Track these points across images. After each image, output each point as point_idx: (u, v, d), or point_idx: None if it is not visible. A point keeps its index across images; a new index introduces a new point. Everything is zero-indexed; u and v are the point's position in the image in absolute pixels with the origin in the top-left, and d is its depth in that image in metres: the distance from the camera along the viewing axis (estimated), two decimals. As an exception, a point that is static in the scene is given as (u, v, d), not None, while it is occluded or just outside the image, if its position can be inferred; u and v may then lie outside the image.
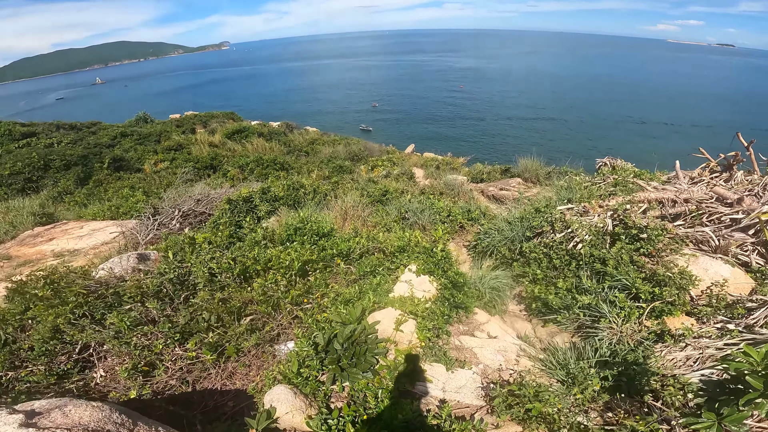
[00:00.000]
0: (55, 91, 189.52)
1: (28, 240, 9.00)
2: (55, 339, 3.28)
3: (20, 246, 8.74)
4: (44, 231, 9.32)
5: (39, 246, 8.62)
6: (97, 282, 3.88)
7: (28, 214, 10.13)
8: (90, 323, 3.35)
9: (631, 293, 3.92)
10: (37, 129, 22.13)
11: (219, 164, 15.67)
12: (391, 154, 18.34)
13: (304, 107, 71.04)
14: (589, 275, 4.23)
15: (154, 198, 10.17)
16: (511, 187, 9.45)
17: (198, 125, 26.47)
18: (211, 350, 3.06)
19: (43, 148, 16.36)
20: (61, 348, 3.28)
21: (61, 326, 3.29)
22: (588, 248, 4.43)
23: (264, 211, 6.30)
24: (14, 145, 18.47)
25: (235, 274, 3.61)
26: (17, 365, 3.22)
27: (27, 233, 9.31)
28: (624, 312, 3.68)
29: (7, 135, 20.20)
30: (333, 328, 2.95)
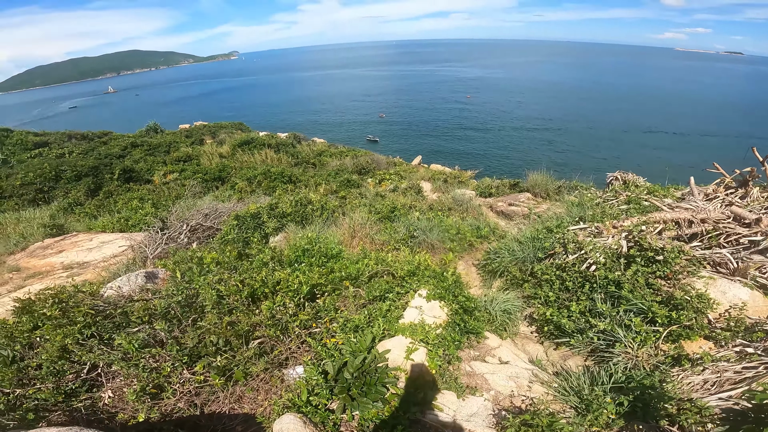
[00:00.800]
0: (68, 99, 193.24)
1: (38, 252, 9.06)
2: (64, 358, 3.27)
3: (30, 257, 8.80)
4: (54, 243, 9.38)
5: (49, 258, 8.68)
6: (105, 301, 3.87)
7: (39, 226, 10.21)
8: (98, 344, 3.34)
9: (647, 317, 3.84)
10: (50, 139, 22.52)
11: (227, 176, 15.77)
12: (398, 167, 18.37)
13: (312, 117, 71.58)
14: (603, 298, 4.15)
15: (163, 210, 10.22)
16: (520, 202, 9.37)
17: (207, 136, 26.78)
18: (219, 374, 3.02)
19: (54, 159, 16.60)
20: (70, 367, 3.26)
21: (69, 346, 3.28)
22: (603, 271, 4.34)
23: (272, 227, 6.29)
24: (27, 155, 18.79)
25: (243, 296, 3.58)
26: (25, 383, 3.19)
27: (37, 245, 9.38)
28: (640, 336, 3.61)
29: (20, 145, 20.56)
30: (343, 356, 2.91)
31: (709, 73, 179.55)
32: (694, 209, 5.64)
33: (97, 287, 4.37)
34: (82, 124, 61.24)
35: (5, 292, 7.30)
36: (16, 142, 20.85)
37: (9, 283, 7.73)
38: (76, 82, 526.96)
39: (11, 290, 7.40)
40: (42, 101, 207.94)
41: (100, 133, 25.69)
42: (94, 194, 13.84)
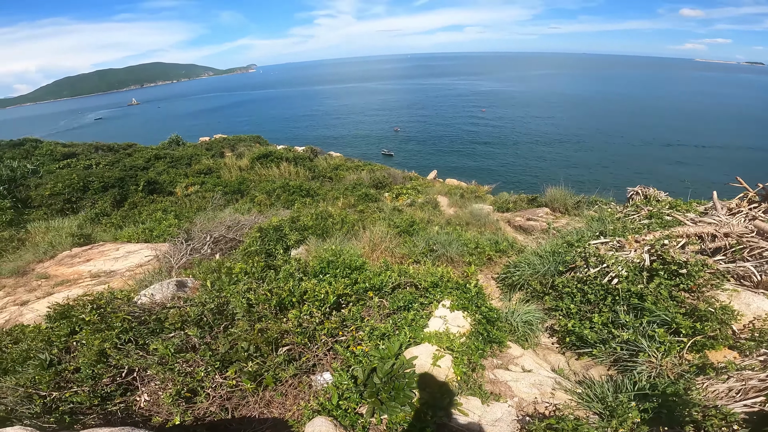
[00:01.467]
0: (93, 110, 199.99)
1: (66, 260, 9.36)
2: (101, 362, 3.37)
3: (58, 266, 9.10)
4: (82, 252, 9.69)
5: (77, 266, 8.96)
6: (139, 308, 4.00)
7: (67, 235, 10.54)
8: (134, 348, 3.46)
9: (670, 328, 3.87)
10: (77, 150, 23.26)
11: (247, 189, 16.12)
12: (414, 181, 18.52)
13: (327, 131, 72.40)
14: (626, 310, 4.19)
15: (185, 222, 10.50)
16: (538, 217, 9.38)
17: (226, 149, 27.40)
18: (250, 379, 3.11)
19: (82, 170, 17.17)
20: (106, 371, 3.35)
21: (107, 350, 3.40)
22: (625, 284, 4.37)
23: (293, 240, 6.44)
24: (55, 166, 19.42)
25: (272, 305, 3.69)
26: (62, 386, 3.28)
27: (65, 253, 9.69)
28: (664, 346, 3.64)
29: (49, 155, 21.29)
30: (371, 362, 2.99)
31: (730, 84, 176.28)
32: (717, 223, 5.63)
33: (131, 294, 4.55)
34: (106, 135, 63.19)
35: (34, 299, 7.57)
36: (45, 153, 21.57)
37: (38, 290, 7.99)
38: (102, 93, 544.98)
39: (40, 297, 7.67)
40: (69, 112, 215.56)
41: (125, 145, 26.48)
42: (119, 205, 14.28)
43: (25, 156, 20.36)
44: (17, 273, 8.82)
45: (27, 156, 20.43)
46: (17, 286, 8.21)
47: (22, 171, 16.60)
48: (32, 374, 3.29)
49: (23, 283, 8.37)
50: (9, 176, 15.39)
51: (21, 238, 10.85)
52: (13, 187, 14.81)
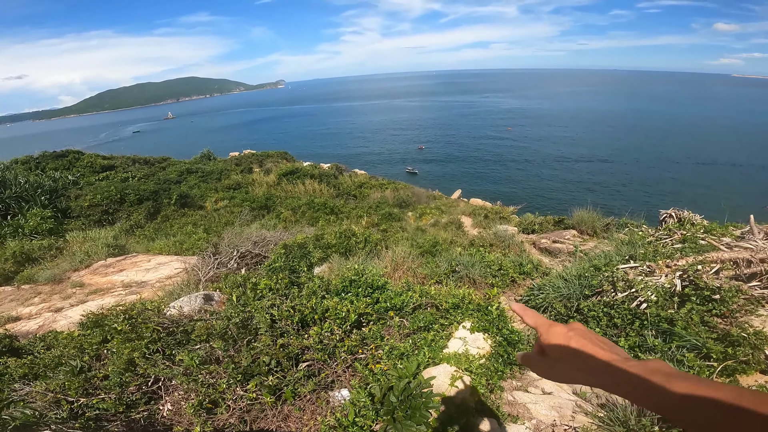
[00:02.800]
0: (133, 123, 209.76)
1: (101, 269, 9.76)
2: (130, 371, 3.48)
3: (93, 275, 9.49)
4: (116, 262, 10.09)
5: (110, 276, 9.33)
6: (168, 319, 4.15)
7: (103, 245, 10.97)
8: (162, 358, 3.57)
9: (701, 353, 3.76)
10: (116, 162, 24.35)
11: (273, 205, 16.50)
12: (438, 201, 18.53)
13: (352, 148, 73.23)
14: (654, 335, 4.08)
15: (214, 236, 10.81)
16: (565, 239, 9.21)
17: (255, 164, 28.19)
18: (270, 392, 3.17)
19: (120, 182, 17.96)
20: (134, 380, 3.46)
21: (136, 359, 3.51)
22: (654, 309, 4.27)
23: (317, 257, 6.56)
24: (95, 177, 20.39)
25: (294, 321, 3.77)
26: (90, 392, 3.38)
27: (100, 263, 10.11)
28: (693, 371, 3.53)
29: (89, 167, 22.37)
30: (389, 381, 3.00)
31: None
32: (753, 249, 5.40)
33: (161, 306, 4.73)
34: (143, 148, 65.87)
35: (68, 306, 7.86)
36: (86, 164, 22.64)
37: (72, 297, 8.30)
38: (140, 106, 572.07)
39: (74, 304, 7.97)
40: (110, 125, 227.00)
41: (160, 159, 27.60)
42: (152, 218, 14.82)
43: (67, 167, 21.43)
44: (54, 280, 9.22)
45: (69, 167, 21.49)
46: (53, 293, 8.58)
47: (63, 182, 17.45)
48: (62, 380, 3.40)
49: (59, 290, 8.75)
50: (51, 187, 16.18)
51: (59, 246, 11.33)
52: (54, 197, 15.55)
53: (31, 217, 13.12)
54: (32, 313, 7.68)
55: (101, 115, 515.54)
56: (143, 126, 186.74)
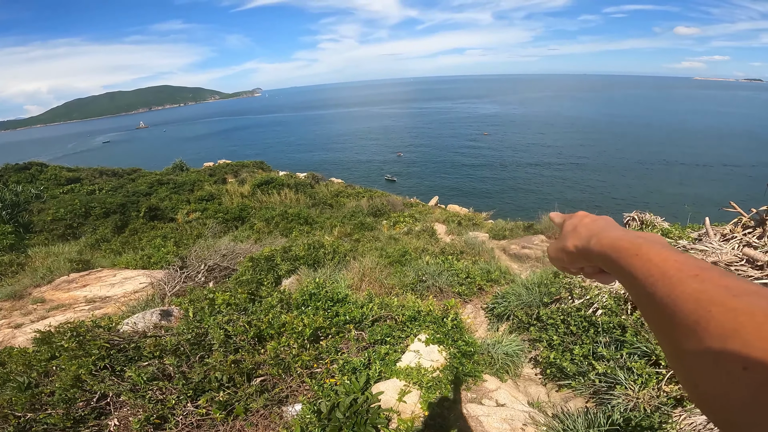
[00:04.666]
0: (102, 133, 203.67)
1: (63, 285, 9.45)
2: (76, 387, 3.47)
3: (55, 290, 9.18)
4: (79, 277, 9.78)
5: (73, 291, 9.04)
6: (120, 336, 4.11)
7: (66, 260, 10.67)
8: (110, 375, 3.56)
9: (651, 359, 3.83)
10: (82, 174, 23.65)
11: (247, 216, 16.28)
12: (414, 208, 18.61)
13: (330, 156, 72.97)
14: (607, 342, 4.17)
15: (184, 249, 10.59)
16: (534, 245, 9.40)
17: (229, 174, 27.79)
18: (221, 408, 3.16)
19: (85, 195, 17.47)
20: (81, 395, 3.45)
21: (82, 376, 3.50)
22: (606, 317, 4.37)
23: (285, 270, 6.50)
24: (59, 190, 19.75)
25: (250, 337, 3.77)
26: (37, 408, 3.39)
27: (63, 278, 9.78)
28: (642, 378, 3.60)
29: (53, 180, 21.66)
30: (338, 396, 3.02)
31: (730, 102, 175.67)
32: (708, 251, 5.59)
33: (115, 322, 4.62)
34: (113, 159, 64.04)
35: (28, 322, 7.63)
36: (49, 177, 21.95)
37: (33, 313, 8.04)
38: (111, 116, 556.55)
39: (34, 320, 7.73)
40: (78, 135, 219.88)
41: (130, 170, 26.91)
42: (120, 231, 14.40)
43: (30, 180, 20.72)
44: (14, 296, 8.89)
45: (32, 180, 20.79)
46: (13, 309, 8.28)
47: (26, 195, 16.90)
48: (9, 395, 3.41)
49: (19, 306, 8.44)
50: (13, 201, 15.65)
51: (21, 262, 10.98)
52: (16, 211, 15.03)
53: (-10, 232, 12.62)
54: None
55: (69, 125, 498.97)
56: (114, 136, 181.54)
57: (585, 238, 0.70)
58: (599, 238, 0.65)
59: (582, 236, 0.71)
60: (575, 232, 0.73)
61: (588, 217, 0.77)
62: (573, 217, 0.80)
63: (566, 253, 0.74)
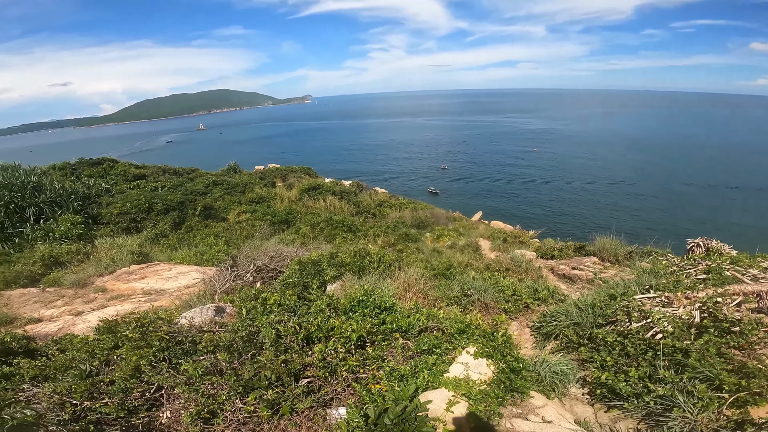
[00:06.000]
0: (166, 134, 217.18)
1: (124, 276, 10.01)
2: (135, 377, 3.58)
3: (116, 281, 9.71)
4: (138, 269, 10.35)
5: (132, 283, 9.54)
6: (178, 330, 4.25)
7: (128, 253, 11.22)
8: (167, 367, 3.66)
9: (713, 384, 3.62)
10: (147, 172, 25.12)
11: (293, 220, 16.73)
12: (457, 222, 18.41)
13: (374, 165, 73.75)
14: (666, 365, 3.95)
15: (234, 248, 10.99)
16: (585, 266, 8.98)
17: (278, 178, 28.78)
18: (268, 406, 3.21)
19: (149, 192, 18.56)
20: (138, 386, 3.55)
21: (143, 367, 3.62)
22: (669, 339, 4.16)
23: (330, 275, 6.61)
24: (127, 186, 21.11)
25: (299, 338, 3.81)
26: (95, 396, 3.48)
27: (123, 270, 10.38)
28: (702, 402, 3.40)
29: (122, 175, 23.18)
30: (385, 402, 3.00)
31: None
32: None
33: (173, 315, 4.85)
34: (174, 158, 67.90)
35: (89, 310, 8.03)
36: (119, 173, 23.48)
37: (94, 302, 8.51)
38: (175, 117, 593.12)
39: (94, 309, 8.11)
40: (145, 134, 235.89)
41: (189, 170, 28.41)
42: (177, 227, 15.20)
43: (102, 175, 22.30)
44: (78, 284, 9.48)
45: (103, 175, 22.36)
46: (76, 297, 8.82)
47: (96, 189, 18.15)
48: (70, 383, 3.51)
49: (82, 294, 8.99)
50: (84, 193, 16.85)
51: (87, 252, 11.67)
52: (87, 203, 16.17)
53: (62, 221, 13.69)
54: (53, 316, 7.88)
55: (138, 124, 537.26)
56: (175, 136, 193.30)
57: None
58: None
59: None
60: None
61: None
62: None
63: None
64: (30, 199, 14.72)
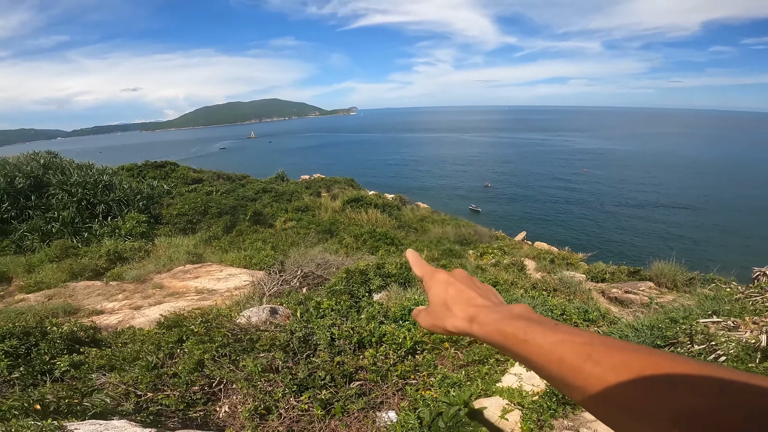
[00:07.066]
0: (220, 140, 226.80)
1: (179, 274, 10.54)
2: (197, 371, 3.73)
3: (172, 278, 10.22)
4: (193, 269, 10.88)
5: (186, 281, 10.01)
6: (238, 327, 4.47)
7: (184, 252, 11.84)
8: (228, 363, 3.83)
9: None
10: (203, 176, 26.47)
11: (336, 230, 17.07)
12: (500, 241, 18.09)
13: (416, 180, 73.25)
14: None
15: (280, 254, 11.34)
16: (639, 291, 8.58)
17: (323, 189, 29.51)
18: (321, 406, 3.32)
19: (204, 195, 19.61)
20: (199, 380, 3.68)
21: (205, 361, 3.79)
22: (733, 362, 3.98)
23: (376, 285, 6.72)
24: (185, 189, 22.38)
25: (352, 342, 3.94)
26: (158, 388, 3.62)
27: (179, 268, 10.94)
28: None
29: (182, 178, 24.58)
30: (439, 407, 3.05)
31: None
32: None
33: (231, 313, 5.11)
34: (226, 164, 70.95)
35: (147, 305, 8.49)
36: (179, 176, 24.92)
37: (151, 297, 9.02)
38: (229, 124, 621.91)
39: (152, 304, 8.55)
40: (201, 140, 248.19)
41: (241, 176, 29.64)
42: (228, 231, 15.89)
43: (164, 177, 23.73)
44: (138, 280, 10.10)
45: (165, 177, 23.79)
46: (135, 292, 9.39)
47: (159, 190, 19.39)
48: (137, 374, 3.69)
49: (141, 289, 9.55)
50: (149, 193, 17.98)
51: (148, 249, 12.47)
52: (150, 203, 17.30)
53: (128, 220, 14.74)
54: (114, 308, 8.39)
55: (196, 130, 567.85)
56: (229, 143, 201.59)
57: (463, 319, 0.65)
58: (480, 323, 0.62)
59: (458, 317, 0.66)
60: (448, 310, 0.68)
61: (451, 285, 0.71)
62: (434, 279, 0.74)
63: (444, 331, 0.68)
64: (101, 197, 15.96)
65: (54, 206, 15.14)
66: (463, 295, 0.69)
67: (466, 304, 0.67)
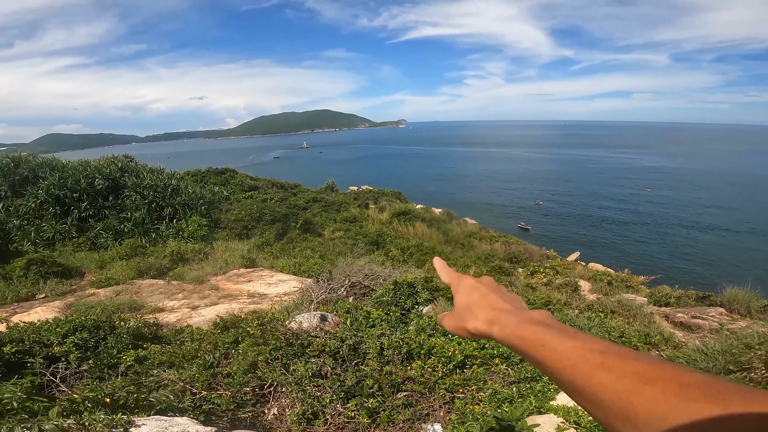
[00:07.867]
0: (274, 149, 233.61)
1: (234, 277, 10.96)
2: (250, 372, 3.83)
3: (227, 281, 10.61)
4: (246, 273, 11.28)
5: (240, 284, 10.35)
6: (291, 331, 4.60)
7: (239, 256, 12.34)
8: (280, 366, 3.92)
9: None
10: (259, 184, 27.72)
11: (383, 242, 17.17)
12: (552, 260, 17.39)
13: (464, 195, 71.73)
14: None
15: (327, 263, 11.56)
16: (708, 316, 7.97)
17: (370, 200, 29.88)
18: (368, 414, 3.34)
19: (260, 202, 20.54)
20: (252, 381, 3.77)
21: (259, 363, 3.89)
22: None
23: (423, 298, 6.70)
24: (242, 195, 23.56)
25: (401, 352, 3.96)
26: (212, 387, 3.73)
27: (234, 271, 11.39)
28: None
29: (239, 185, 25.93)
30: (489, 422, 2.99)
31: None
32: None
33: (284, 317, 5.29)
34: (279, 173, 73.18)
35: (203, 305, 8.88)
36: (237, 183, 26.34)
37: (208, 298, 9.43)
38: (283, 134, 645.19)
39: (208, 305, 8.94)
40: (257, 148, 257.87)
41: (293, 185, 30.70)
42: (280, 238, 16.46)
43: (224, 183, 25.14)
44: (197, 281, 10.60)
45: (225, 183, 25.20)
46: (194, 292, 9.86)
47: (219, 196, 20.57)
48: (194, 372, 3.82)
49: (199, 290, 10.01)
50: (210, 199, 19.11)
51: (207, 252, 13.12)
52: (211, 208, 18.37)
53: (191, 223, 15.70)
54: (174, 307, 8.83)
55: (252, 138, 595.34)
56: (282, 152, 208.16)
57: (485, 322, 0.68)
58: (501, 325, 0.64)
59: (480, 319, 0.69)
60: (471, 313, 0.71)
61: (476, 290, 0.74)
62: (460, 284, 0.77)
63: (467, 333, 0.71)
64: (169, 200, 17.18)
65: (128, 207, 16.46)
66: (486, 299, 0.72)
67: (489, 308, 0.70)
